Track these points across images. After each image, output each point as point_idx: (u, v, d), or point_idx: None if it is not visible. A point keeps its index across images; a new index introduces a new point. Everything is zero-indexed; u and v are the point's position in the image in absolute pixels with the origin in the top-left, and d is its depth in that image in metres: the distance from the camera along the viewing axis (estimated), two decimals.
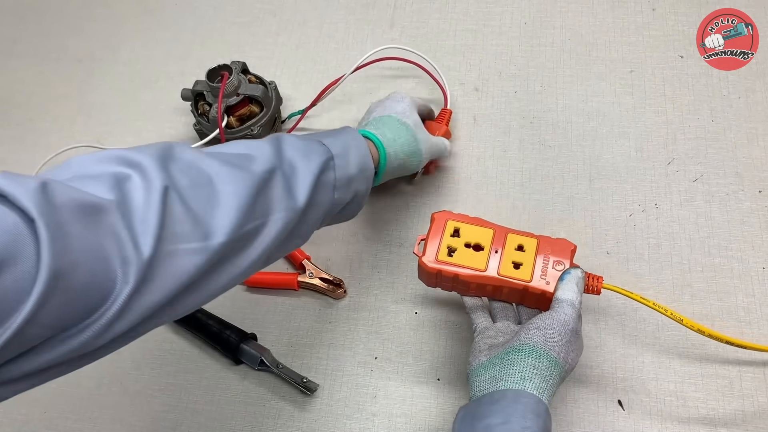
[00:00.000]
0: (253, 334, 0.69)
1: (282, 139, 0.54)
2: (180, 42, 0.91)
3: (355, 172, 0.57)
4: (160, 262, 0.41)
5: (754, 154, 0.73)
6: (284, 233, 0.50)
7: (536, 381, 0.50)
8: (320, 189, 0.54)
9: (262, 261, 0.50)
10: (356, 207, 0.60)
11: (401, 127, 0.64)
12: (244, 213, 0.46)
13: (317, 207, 0.54)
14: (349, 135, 0.59)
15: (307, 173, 0.52)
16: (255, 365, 0.67)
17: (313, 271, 0.71)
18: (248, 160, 0.50)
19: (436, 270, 0.59)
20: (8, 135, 0.88)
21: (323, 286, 0.70)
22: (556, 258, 0.58)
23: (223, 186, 0.46)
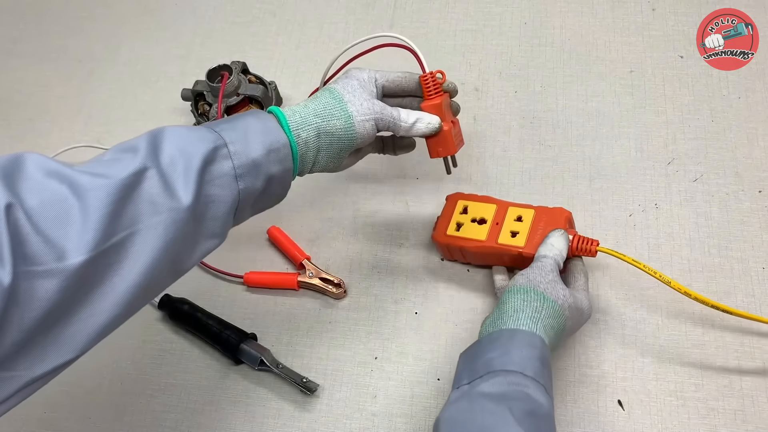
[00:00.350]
0: (253, 334, 0.69)
1: (162, 133, 0.49)
2: (180, 42, 0.91)
3: (262, 155, 0.51)
4: (17, 286, 0.38)
5: (754, 154, 0.73)
6: (172, 236, 0.46)
7: (528, 312, 0.54)
8: (214, 181, 0.49)
9: (153, 272, 0.45)
10: (279, 190, 0.55)
11: (323, 92, 0.57)
12: (104, 226, 0.42)
13: (219, 201, 0.49)
14: (253, 116, 0.54)
15: (189, 168, 0.47)
16: (255, 365, 0.67)
17: (313, 271, 0.71)
18: (116, 164, 0.45)
19: (445, 243, 0.68)
20: (8, 135, 0.88)
21: (323, 286, 0.70)
22: (550, 226, 0.64)
23: (78, 200, 0.42)
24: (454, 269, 0.71)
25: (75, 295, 0.42)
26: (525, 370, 0.49)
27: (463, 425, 0.47)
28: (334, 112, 0.56)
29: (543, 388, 0.49)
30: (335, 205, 0.76)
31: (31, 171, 0.42)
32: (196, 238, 0.49)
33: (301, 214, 0.76)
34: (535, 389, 0.49)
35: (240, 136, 0.51)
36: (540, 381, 0.49)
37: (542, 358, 0.51)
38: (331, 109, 0.56)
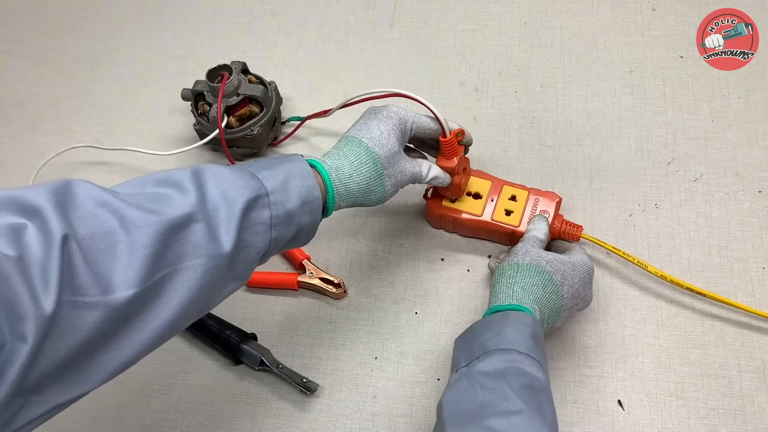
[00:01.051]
0: (253, 334, 0.69)
1: (206, 174, 0.49)
2: (180, 42, 0.91)
3: (297, 206, 0.52)
4: (60, 315, 0.39)
5: (754, 154, 0.73)
6: (208, 280, 0.47)
7: (517, 288, 0.57)
8: (252, 228, 0.50)
9: (185, 312, 0.46)
10: (305, 237, 0.56)
11: (366, 159, 0.58)
12: (149, 264, 0.43)
13: (252, 246, 0.50)
14: (292, 165, 0.54)
15: (232, 215, 0.48)
16: (255, 365, 0.67)
17: (313, 271, 0.71)
18: (164, 201, 0.46)
19: (439, 213, 0.70)
20: (8, 135, 0.88)
21: (323, 286, 0.70)
22: (542, 208, 0.68)
23: (126, 235, 0.42)
24: (454, 269, 0.71)
25: (112, 329, 0.42)
26: (518, 347, 0.51)
27: (466, 404, 0.49)
28: (373, 188, 0.59)
29: (537, 363, 0.51)
30: None
31: (82, 199, 0.43)
32: (224, 282, 0.50)
33: None
34: (530, 365, 0.51)
35: (280, 186, 0.52)
36: (534, 356, 0.51)
37: (534, 334, 0.53)
38: (372, 186, 0.58)
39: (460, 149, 0.66)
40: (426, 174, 0.63)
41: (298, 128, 0.80)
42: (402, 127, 0.61)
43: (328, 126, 0.81)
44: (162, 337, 0.46)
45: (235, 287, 0.52)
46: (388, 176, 0.59)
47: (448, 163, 0.65)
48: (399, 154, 0.60)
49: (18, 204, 0.41)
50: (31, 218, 0.40)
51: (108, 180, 0.81)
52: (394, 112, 0.61)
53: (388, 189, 0.60)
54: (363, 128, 0.60)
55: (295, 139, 0.81)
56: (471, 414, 0.48)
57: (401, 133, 0.61)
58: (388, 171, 0.59)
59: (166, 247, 0.44)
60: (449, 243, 0.72)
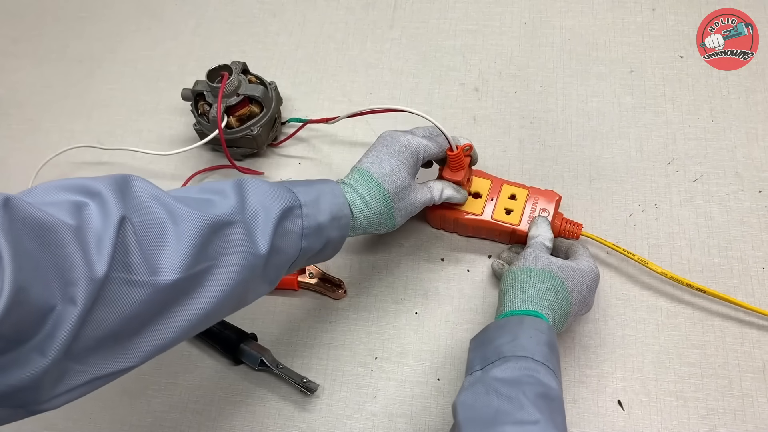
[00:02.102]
0: (253, 334, 0.69)
1: (247, 185, 0.54)
2: (180, 42, 0.91)
3: (327, 220, 0.56)
4: (109, 288, 0.42)
5: (754, 154, 0.73)
6: (244, 277, 0.50)
7: (530, 292, 0.57)
8: (285, 236, 0.53)
9: (221, 304, 0.49)
10: (332, 251, 0.60)
11: (378, 195, 0.60)
12: (193, 254, 0.46)
13: (283, 253, 0.54)
14: (325, 185, 0.59)
15: (268, 220, 0.52)
16: (255, 365, 0.67)
17: (313, 271, 0.71)
18: (208, 203, 0.50)
19: (440, 214, 0.70)
20: (8, 135, 0.88)
21: (323, 286, 0.70)
22: (542, 207, 0.68)
23: (174, 226, 0.46)
24: (454, 269, 0.71)
25: (154, 310, 0.45)
26: (534, 355, 0.51)
27: (481, 409, 0.49)
28: (383, 221, 0.62)
29: (552, 372, 0.51)
30: None
31: (137, 191, 0.47)
32: (256, 283, 0.53)
33: None
34: (545, 373, 0.51)
35: (313, 200, 0.56)
36: (549, 365, 0.51)
37: (549, 342, 0.53)
38: (382, 219, 0.61)
39: (466, 162, 0.67)
40: (439, 197, 0.66)
41: (300, 130, 0.80)
42: (414, 160, 0.63)
43: (329, 128, 0.81)
44: (196, 327, 0.49)
45: (265, 290, 0.56)
46: (398, 209, 0.62)
47: (455, 176, 0.67)
48: (410, 187, 0.63)
49: (82, 188, 0.45)
50: (92, 199, 0.44)
51: None
52: (405, 146, 0.63)
53: (398, 220, 0.63)
54: (375, 162, 0.62)
55: (296, 140, 0.81)
56: (486, 420, 0.48)
57: (413, 165, 0.63)
58: (398, 205, 0.62)
59: (208, 241, 0.47)
60: (449, 243, 0.72)
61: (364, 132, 0.80)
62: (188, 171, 0.80)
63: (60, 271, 0.40)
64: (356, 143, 0.80)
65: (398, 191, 0.61)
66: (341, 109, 0.82)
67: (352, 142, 0.80)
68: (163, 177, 0.81)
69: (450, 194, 0.66)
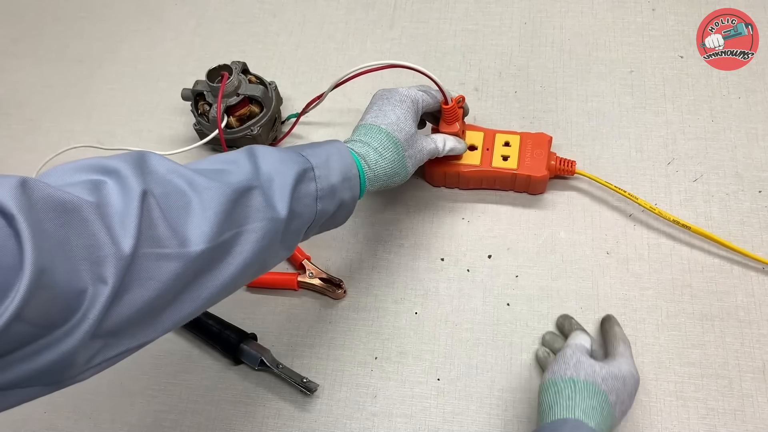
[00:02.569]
0: (253, 334, 0.69)
1: (257, 151, 0.53)
2: (180, 42, 0.91)
3: (338, 181, 0.56)
4: (139, 263, 0.41)
5: (754, 154, 0.73)
6: (266, 242, 0.50)
7: (577, 413, 0.53)
8: (301, 199, 0.53)
9: (245, 271, 0.49)
10: (344, 214, 0.60)
11: (389, 144, 0.61)
12: (219, 222, 0.46)
13: (300, 217, 0.54)
14: (332, 146, 0.58)
15: (284, 185, 0.52)
16: (255, 365, 0.67)
17: (313, 271, 0.71)
18: (224, 173, 0.50)
19: (441, 171, 0.72)
20: (8, 135, 0.88)
21: (323, 286, 0.70)
22: (536, 149, 0.71)
23: (197, 196, 0.46)
24: (454, 269, 0.71)
25: (186, 281, 0.45)
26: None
27: None
28: (398, 170, 0.62)
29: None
30: None
31: (155, 166, 0.46)
32: (276, 248, 0.53)
33: None
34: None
35: (323, 162, 0.56)
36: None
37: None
38: (396, 169, 0.62)
39: (460, 114, 0.70)
40: (443, 147, 0.67)
41: (296, 124, 0.80)
42: (415, 108, 0.64)
43: (329, 127, 0.81)
44: (221, 294, 0.49)
45: (284, 256, 0.56)
46: (409, 157, 0.63)
47: (451, 129, 0.69)
48: (416, 134, 0.64)
49: (98, 167, 0.44)
50: (110, 176, 0.43)
51: None
52: (405, 95, 0.64)
53: (410, 169, 0.63)
54: (380, 114, 0.63)
55: (294, 137, 0.81)
56: None
57: (415, 113, 0.64)
58: (409, 152, 0.62)
59: (232, 208, 0.47)
60: (449, 242, 0.72)
61: None
62: None
63: (86, 251, 0.39)
64: None
65: (407, 138, 0.62)
66: (341, 109, 0.83)
67: None
68: None
69: (453, 145, 0.68)
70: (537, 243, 0.71)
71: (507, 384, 0.65)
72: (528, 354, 0.66)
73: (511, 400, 0.64)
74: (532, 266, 0.70)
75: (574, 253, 0.70)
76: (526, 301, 0.68)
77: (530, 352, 0.66)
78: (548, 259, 0.70)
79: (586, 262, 0.69)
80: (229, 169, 0.51)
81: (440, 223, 0.74)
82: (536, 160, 0.71)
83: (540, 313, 0.67)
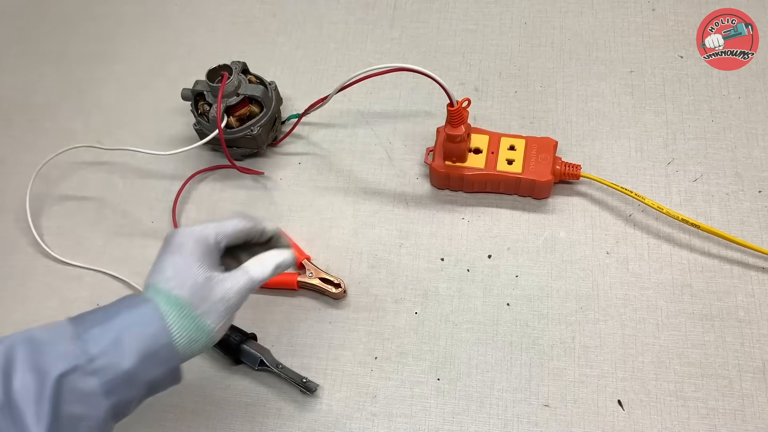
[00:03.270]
0: (252, 334, 0.69)
1: (15, 349, 0.43)
2: (180, 42, 0.91)
3: (135, 364, 0.45)
4: None
5: (754, 154, 0.73)
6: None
7: None
8: (76, 402, 0.43)
9: None
10: (168, 385, 0.49)
11: (169, 309, 0.48)
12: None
13: (85, 420, 0.44)
14: (130, 314, 0.47)
15: (42, 395, 0.41)
16: (255, 365, 0.67)
17: (313, 271, 0.71)
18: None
19: (445, 173, 0.72)
20: (8, 135, 0.88)
21: (323, 286, 0.70)
22: (541, 153, 0.71)
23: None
24: (454, 269, 0.71)
25: None
26: None
27: None
28: (195, 335, 0.49)
29: None
30: (335, 205, 0.76)
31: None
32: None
33: (301, 215, 0.76)
34: None
35: (110, 346, 0.45)
36: None
37: None
38: (192, 334, 0.49)
39: (466, 116, 0.68)
40: (263, 273, 0.53)
41: (297, 125, 0.80)
42: (204, 248, 0.51)
43: (329, 127, 0.81)
44: None
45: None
46: (206, 314, 0.49)
47: (456, 131, 0.68)
48: (210, 280, 0.50)
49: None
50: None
51: (108, 180, 0.82)
52: (186, 237, 0.51)
53: (213, 326, 0.50)
54: (157, 270, 0.50)
55: (296, 138, 0.81)
56: None
57: (204, 255, 0.51)
58: (203, 308, 0.49)
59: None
60: (449, 242, 0.72)
61: (365, 131, 0.80)
62: (188, 171, 0.80)
63: None
64: (356, 141, 0.80)
65: (195, 292, 0.49)
66: (341, 109, 0.83)
67: (353, 140, 0.80)
68: (163, 177, 0.81)
69: (277, 262, 0.55)
70: (537, 243, 0.71)
71: (507, 384, 0.65)
72: (528, 354, 0.66)
73: (511, 400, 0.64)
74: (532, 266, 0.70)
75: (574, 253, 0.70)
76: (526, 301, 0.68)
77: (530, 352, 0.66)
78: (548, 259, 0.70)
79: (586, 262, 0.69)
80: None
81: (440, 223, 0.74)
82: (541, 164, 0.70)
83: (540, 313, 0.67)
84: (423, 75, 0.63)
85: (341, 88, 0.70)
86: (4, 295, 0.76)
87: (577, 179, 0.72)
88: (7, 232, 0.79)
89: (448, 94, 0.65)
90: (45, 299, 0.75)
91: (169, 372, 0.48)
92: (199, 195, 0.79)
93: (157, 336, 0.47)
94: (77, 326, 0.46)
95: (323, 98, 0.74)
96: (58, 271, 0.76)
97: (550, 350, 0.66)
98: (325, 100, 0.74)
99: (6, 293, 0.76)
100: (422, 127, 0.80)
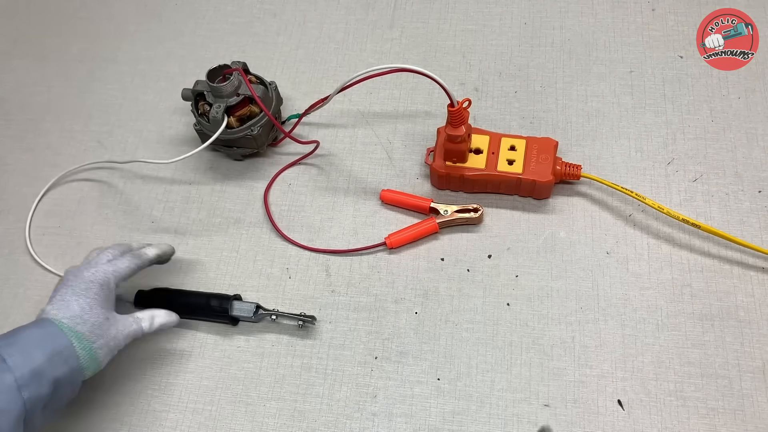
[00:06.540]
0: (237, 295, 0.70)
1: None
2: (180, 42, 0.91)
3: (43, 361, 0.53)
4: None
5: (754, 154, 0.73)
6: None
7: None
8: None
9: None
10: (69, 391, 0.56)
11: (74, 339, 0.56)
12: None
13: (3, 414, 0.50)
14: (39, 328, 0.55)
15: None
16: (252, 315, 0.68)
17: (447, 208, 0.72)
18: None
19: (446, 173, 0.71)
20: (8, 135, 0.88)
21: (464, 216, 0.71)
22: (541, 154, 0.71)
23: None
24: (454, 269, 0.71)
25: None
26: None
27: None
28: (86, 364, 0.57)
29: None
30: (335, 205, 0.76)
31: None
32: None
33: (301, 214, 0.76)
34: None
35: (22, 347, 0.53)
36: None
37: None
38: (84, 363, 0.57)
39: (467, 117, 0.67)
40: (149, 327, 0.64)
41: (297, 125, 0.80)
42: (106, 292, 0.60)
43: (329, 126, 0.81)
44: None
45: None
46: (100, 348, 0.58)
47: (456, 131, 0.68)
48: (108, 320, 0.59)
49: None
50: None
51: (108, 180, 0.82)
52: (91, 281, 0.60)
53: (103, 359, 0.59)
54: (62, 306, 0.58)
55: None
56: None
57: (105, 298, 0.60)
58: (99, 343, 0.58)
59: None
60: (449, 243, 0.72)
61: (365, 131, 0.80)
62: (188, 171, 0.80)
63: None
64: (356, 141, 0.80)
65: (94, 329, 0.58)
66: (341, 109, 0.83)
67: (352, 140, 0.80)
68: (163, 178, 0.81)
69: (162, 321, 0.65)
70: (537, 243, 0.71)
71: (507, 384, 0.65)
72: (528, 354, 0.66)
73: (511, 400, 0.64)
74: (532, 266, 0.70)
75: (574, 253, 0.70)
76: (526, 301, 0.68)
77: (530, 352, 0.66)
78: (548, 259, 0.70)
79: (586, 262, 0.69)
80: None
81: None
82: (542, 164, 0.70)
83: (540, 313, 0.67)
84: (423, 76, 0.63)
85: (342, 88, 0.70)
86: (4, 295, 0.76)
87: (578, 179, 0.71)
88: (8, 233, 0.79)
89: (448, 94, 0.65)
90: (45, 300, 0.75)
91: (70, 372, 0.55)
92: (199, 195, 0.79)
93: (61, 338, 0.55)
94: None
95: (324, 98, 0.74)
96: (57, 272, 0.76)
97: (550, 350, 0.66)
98: (325, 100, 0.74)
99: (6, 293, 0.76)
100: (422, 127, 0.80)
